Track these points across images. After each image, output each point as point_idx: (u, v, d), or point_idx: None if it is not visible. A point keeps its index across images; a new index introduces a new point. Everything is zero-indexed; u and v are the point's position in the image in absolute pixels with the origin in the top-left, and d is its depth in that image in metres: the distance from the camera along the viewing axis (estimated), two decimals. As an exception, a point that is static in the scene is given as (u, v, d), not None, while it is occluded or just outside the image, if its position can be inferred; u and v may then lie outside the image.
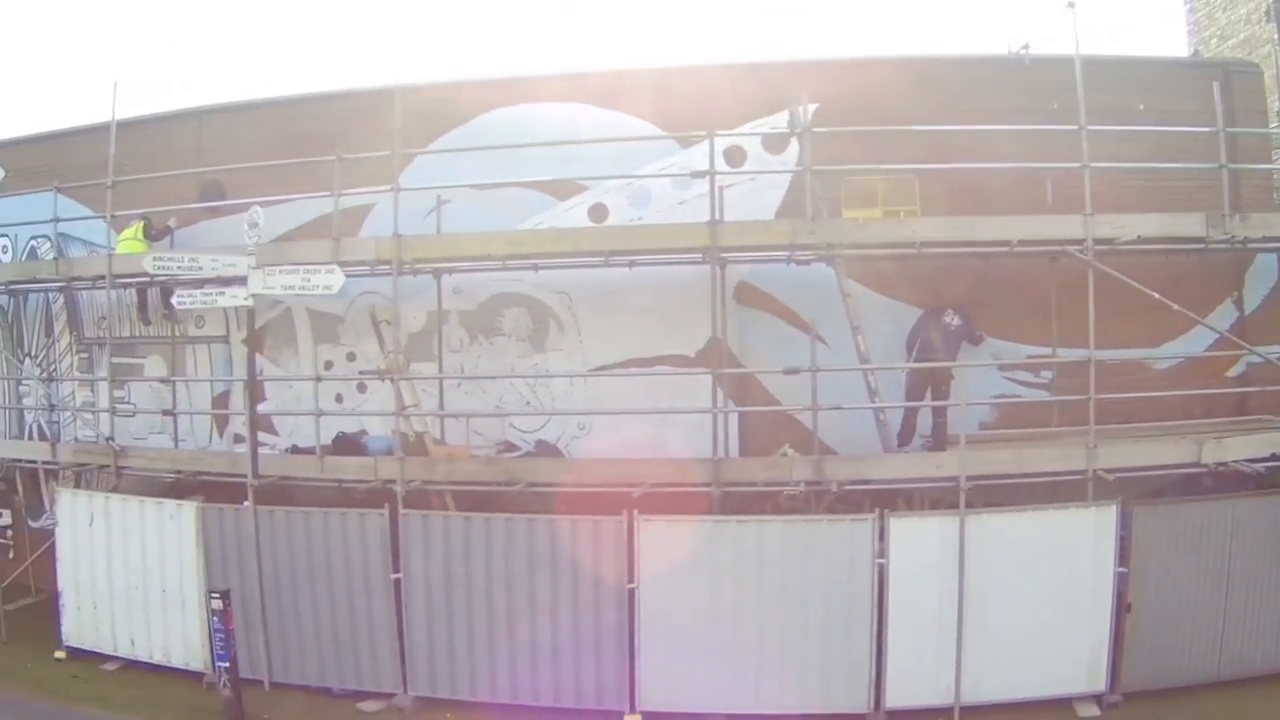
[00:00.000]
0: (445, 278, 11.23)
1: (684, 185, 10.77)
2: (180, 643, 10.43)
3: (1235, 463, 9.44)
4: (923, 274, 10.51)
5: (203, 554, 10.24)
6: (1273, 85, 13.61)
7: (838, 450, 9.99)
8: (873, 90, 10.61)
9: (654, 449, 10.33)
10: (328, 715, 9.73)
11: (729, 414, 10.14)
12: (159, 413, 12.24)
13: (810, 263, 10.14)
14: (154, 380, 12.52)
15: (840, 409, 9.65)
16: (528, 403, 11.52)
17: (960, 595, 8.92)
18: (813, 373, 9.42)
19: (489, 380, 11.34)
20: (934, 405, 10.10)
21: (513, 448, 11.40)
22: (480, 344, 11.70)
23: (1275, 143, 12.38)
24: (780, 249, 9.88)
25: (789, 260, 10.09)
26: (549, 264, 10.72)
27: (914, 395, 10.27)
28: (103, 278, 11.45)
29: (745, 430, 10.71)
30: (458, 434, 11.15)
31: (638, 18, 38.59)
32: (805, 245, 9.65)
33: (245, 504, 10.08)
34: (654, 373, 10.84)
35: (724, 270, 10.06)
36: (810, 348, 9.53)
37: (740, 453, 10.51)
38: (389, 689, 9.82)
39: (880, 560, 8.99)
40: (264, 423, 11.43)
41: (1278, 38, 14.08)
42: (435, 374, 11.26)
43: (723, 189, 9.91)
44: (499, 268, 10.85)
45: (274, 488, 10.44)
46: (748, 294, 10.93)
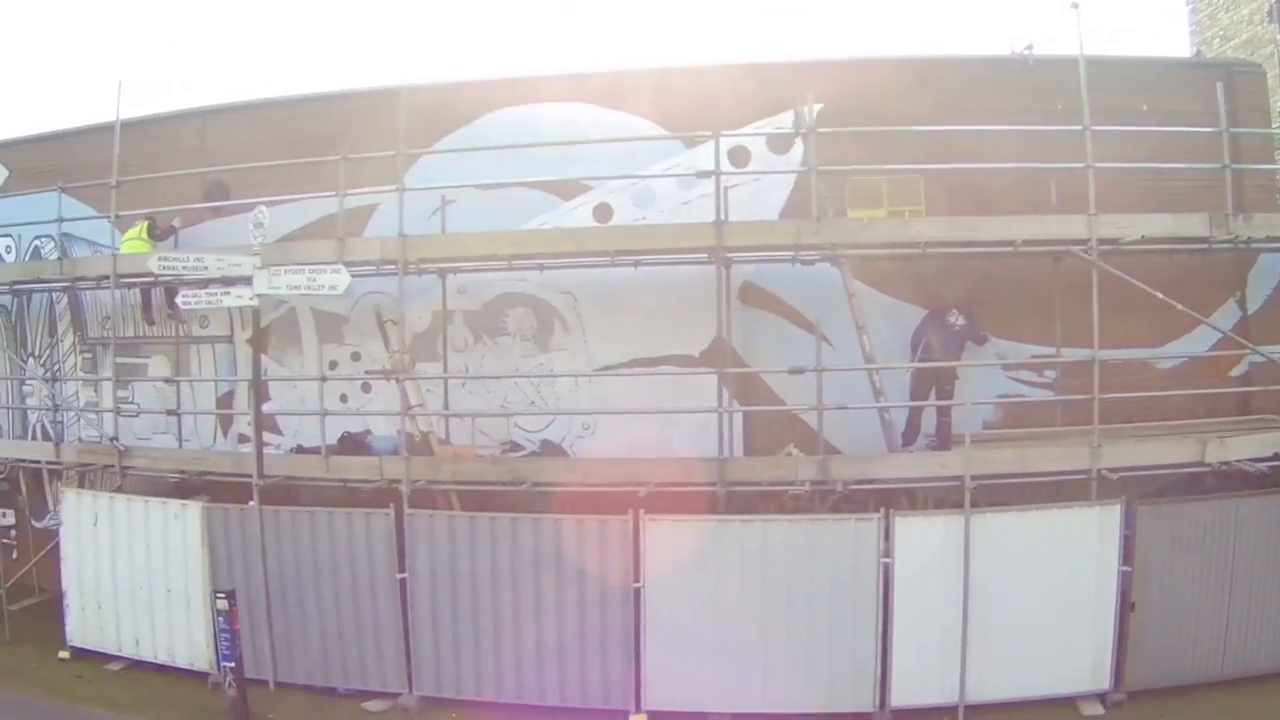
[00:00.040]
0: (450, 278, 11.24)
1: (689, 185, 10.77)
2: (185, 643, 10.42)
3: (1239, 462, 9.47)
4: (926, 274, 10.53)
5: (208, 554, 10.24)
6: (1275, 86, 13.65)
7: (842, 450, 9.99)
8: (876, 91, 10.64)
9: (658, 449, 10.33)
10: (333, 715, 9.72)
11: (734, 414, 10.15)
12: (163, 413, 12.24)
13: (815, 263, 10.16)
14: (158, 380, 12.50)
15: (845, 409, 9.65)
16: (532, 402, 11.54)
17: (965, 594, 8.93)
18: (818, 372, 9.43)
19: (494, 380, 11.35)
20: (939, 405, 10.12)
21: (517, 447, 11.40)
22: (485, 344, 11.71)
23: (1278, 143, 12.39)
24: (785, 249, 9.89)
25: (794, 260, 10.11)
26: (554, 264, 10.73)
27: (918, 395, 10.29)
28: (107, 278, 11.43)
29: (749, 430, 10.74)
30: (462, 434, 11.15)
31: (641, 18, 38.60)
32: (810, 245, 9.66)
33: (250, 504, 10.07)
34: (659, 372, 10.84)
35: (729, 270, 10.08)
36: (815, 348, 9.54)
37: (745, 452, 10.55)
38: (394, 689, 9.82)
39: (885, 559, 9.01)
40: (268, 423, 11.43)
41: (1280, 38, 14.14)
42: (440, 374, 11.26)
43: (727, 189, 9.92)
44: (504, 268, 10.85)
45: (279, 488, 10.43)
46: (752, 294, 10.96)
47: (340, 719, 9.67)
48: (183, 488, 11.40)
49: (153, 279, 11.15)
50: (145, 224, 11.76)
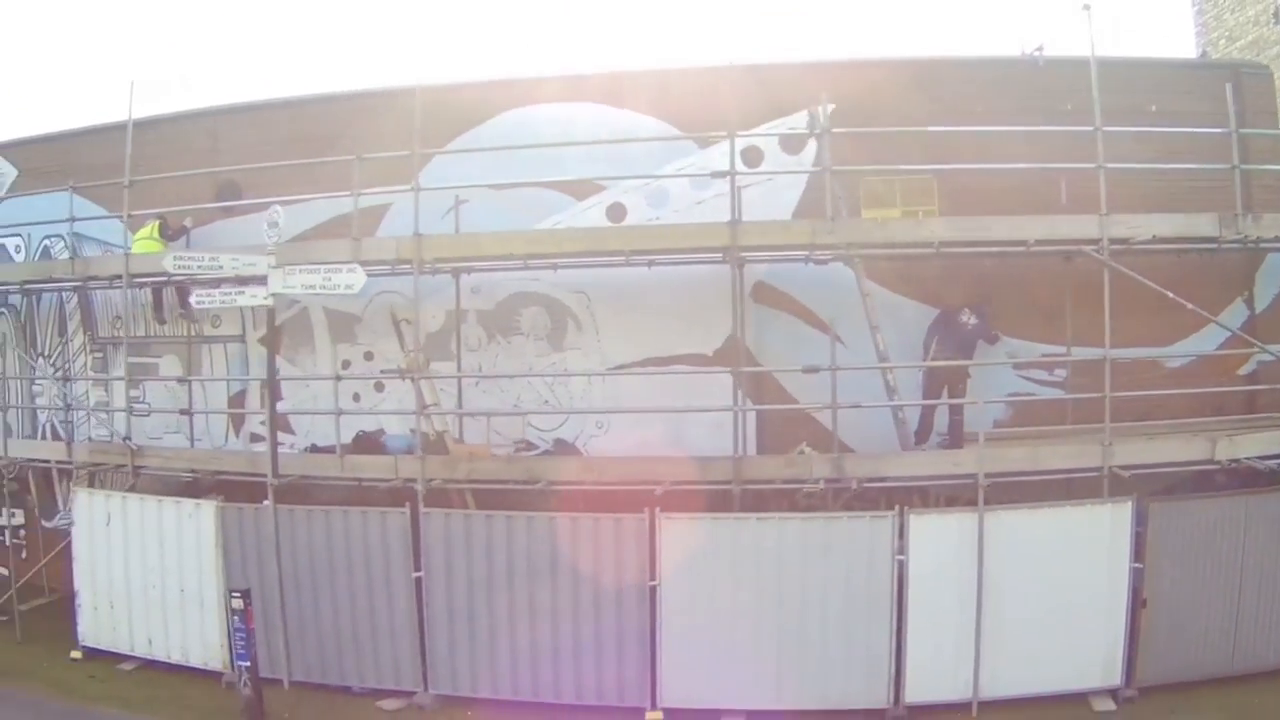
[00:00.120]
0: (464, 277, 11.26)
1: (702, 185, 10.82)
2: (199, 642, 10.41)
3: (1248, 460, 9.54)
4: (937, 273, 10.58)
5: (222, 553, 10.23)
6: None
7: (854, 448, 10.06)
8: (885, 92, 10.70)
9: (671, 447, 10.37)
10: (348, 714, 9.72)
11: (748, 412, 10.19)
12: (176, 412, 12.22)
13: (828, 262, 10.21)
14: (170, 380, 12.49)
15: (859, 407, 9.71)
16: (546, 401, 11.57)
17: (979, 591, 8.98)
18: (832, 371, 9.48)
19: (507, 379, 11.38)
20: (951, 403, 10.19)
21: (531, 446, 11.43)
22: (498, 343, 11.74)
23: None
24: (800, 249, 9.94)
25: (807, 260, 10.16)
26: (567, 263, 10.75)
27: (930, 394, 10.37)
28: (119, 277, 11.42)
29: (761, 429, 10.77)
30: (475, 433, 11.18)
31: (648, 19, 38.69)
32: (825, 245, 9.71)
33: (265, 503, 10.06)
34: (672, 371, 10.89)
35: (742, 270, 10.12)
36: (829, 346, 9.57)
37: (757, 451, 10.56)
38: (409, 687, 9.83)
39: (900, 557, 9.05)
40: (281, 422, 11.41)
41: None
42: (454, 373, 11.28)
43: (740, 189, 9.96)
44: (519, 267, 10.87)
45: (292, 487, 10.42)
46: (765, 293, 11.00)
47: (355, 718, 9.67)
48: (194, 487, 11.39)
49: (166, 278, 11.15)
50: (157, 224, 11.76)
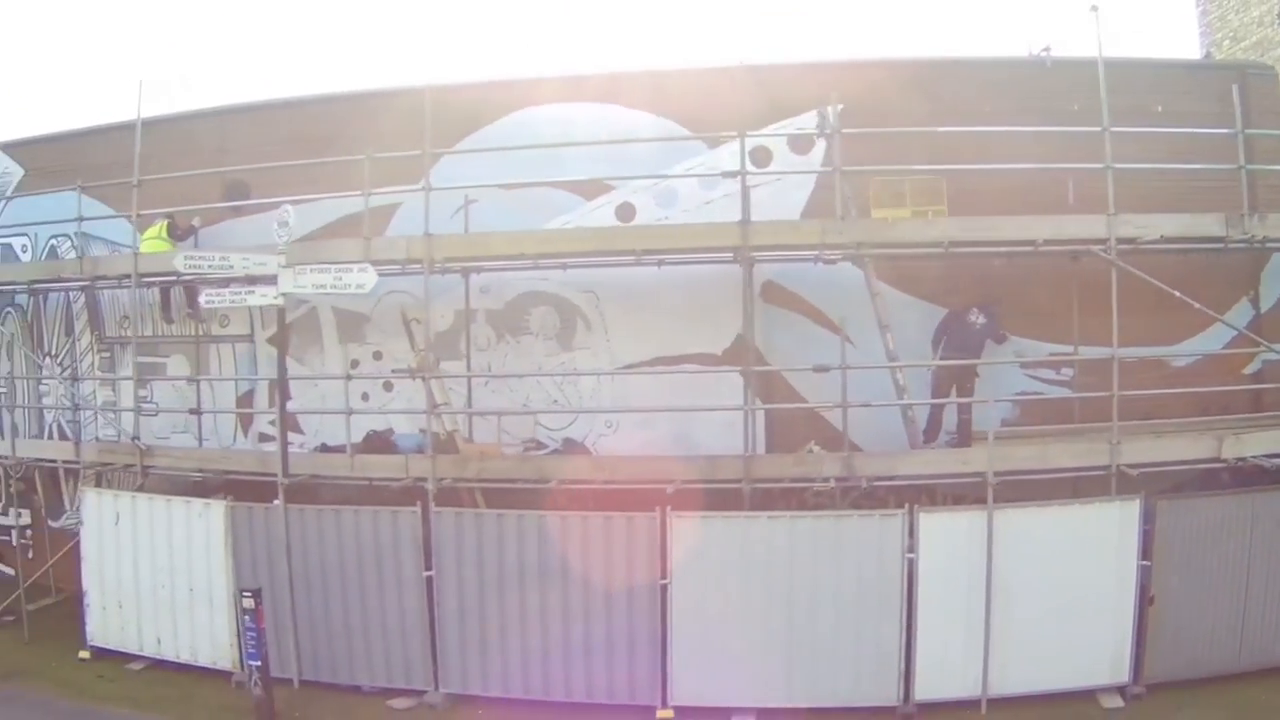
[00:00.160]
0: (473, 277, 11.29)
1: (710, 185, 10.86)
2: (208, 642, 10.41)
3: (1254, 458, 9.60)
4: (940, 274, 10.62)
5: (231, 553, 10.23)
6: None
7: (863, 447, 10.08)
8: (893, 92, 10.75)
9: (681, 446, 10.43)
10: (358, 713, 9.73)
11: (757, 411, 10.22)
12: (185, 412, 12.21)
13: (837, 262, 10.24)
14: (179, 379, 12.47)
15: (869, 406, 9.75)
16: (555, 401, 11.58)
17: (988, 589, 9.04)
18: (843, 370, 9.52)
19: (516, 379, 11.39)
20: (960, 402, 10.23)
21: (540, 445, 11.45)
22: (507, 342, 11.75)
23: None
24: (810, 248, 9.98)
25: (816, 260, 10.19)
26: (576, 263, 10.77)
27: (939, 393, 10.42)
28: (128, 276, 11.41)
29: (770, 428, 10.81)
30: (484, 433, 11.19)
31: (651, 21, 38.76)
32: (835, 245, 9.75)
33: (275, 502, 10.06)
34: (681, 371, 10.92)
35: (751, 269, 10.15)
36: (838, 345, 9.63)
37: (766, 450, 10.60)
38: (420, 686, 9.84)
39: (910, 555, 9.10)
40: (290, 421, 11.40)
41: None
42: (464, 372, 11.29)
43: (749, 189, 9.96)
44: (529, 266, 10.90)
45: (300, 486, 10.41)
46: (774, 293, 11.02)
47: (366, 717, 9.67)
48: (202, 487, 11.38)
49: (174, 278, 11.15)
50: (165, 223, 11.75)
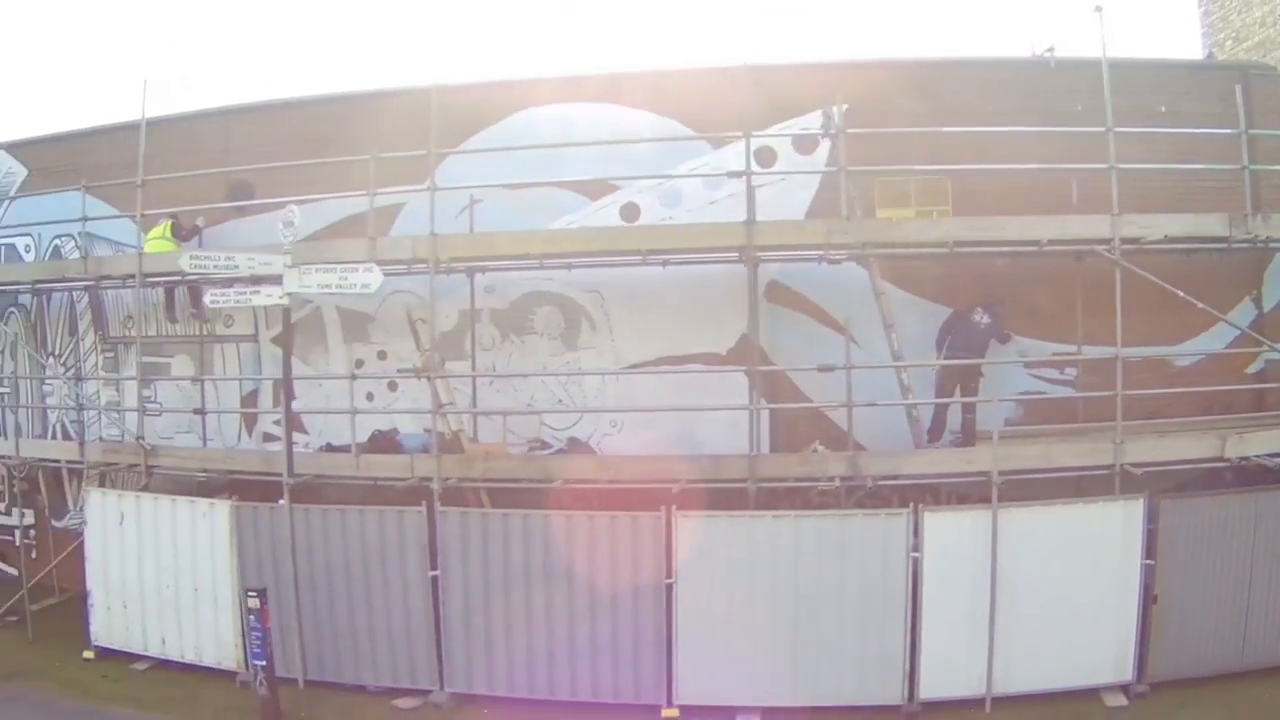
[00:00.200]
0: (477, 276, 11.30)
1: (715, 185, 10.88)
2: (212, 642, 10.42)
3: (1257, 457, 9.63)
4: (943, 274, 10.63)
5: (236, 553, 10.23)
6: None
7: (867, 446, 10.11)
8: (896, 93, 10.77)
9: (685, 446, 10.44)
10: (363, 713, 9.73)
11: (763, 411, 10.23)
12: (189, 412, 12.20)
13: (841, 262, 10.27)
14: (183, 379, 12.47)
15: (874, 405, 9.76)
16: (559, 400, 11.59)
17: (992, 588, 9.06)
18: (848, 370, 9.54)
19: (520, 378, 11.40)
20: (964, 401, 10.26)
21: (545, 445, 11.46)
22: (512, 342, 11.76)
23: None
24: (815, 248, 9.99)
25: (821, 259, 10.21)
26: (581, 263, 10.78)
27: (943, 392, 10.44)
28: (132, 276, 11.40)
29: (774, 428, 10.83)
30: (488, 432, 11.21)
31: (660, 20, 38.73)
32: (840, 245, 9.76)
33: (280, 502, 10.06)
34: (686, 370, 10.94)
35: (756, 269, 10.16)
36: (842, 345, 9.65)
37: (770, 449, 10.60)
38: (425, 686, 9.85)
39: (915, 554, 9.12)
40: (295, 421, 11.41)
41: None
42: (469, 372, 11.30)
43: (754, 189, 9.99)
44: (533, 266, 10.89)
45: (305, 486, 10.41)
46: (778, 293, 11.04)
47: (371, 717, 9.68)
48: (206, 487, 11.38)
49: (179, 278, 11.15)
50: (169, 223, 11.75)
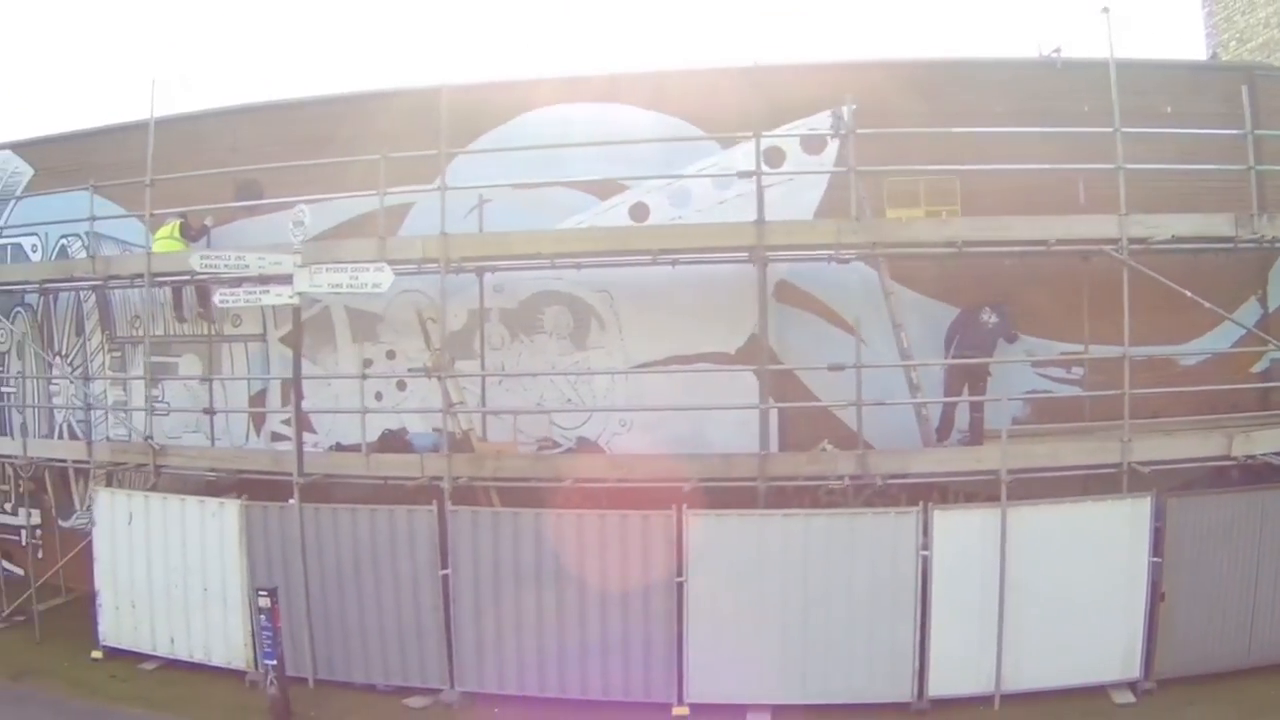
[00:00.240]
0: (486, 276, 11.31)
1: (724, 185, 10.90)
2: (222, 641, 10.42)
3: (1263, 456, 9.70)
4: (950, 272, 10.67)
5: (246, 552, 10.24)
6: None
7: (874, 445, 10.12)
8: (902, 93, 10.80)
9: (693, 445, 10.48)
10: (374, 711, 9.74)
11: (772, 410, 10.26)
12: (198, 411, 12.18)
13: (850, 261, 10.31)
14: (191, 379, 12.46)
15: (882, 404, 9.80)
16: (569, 400, 11.61)
17: (1001, 585, 9.09)
18: (857, 369, 9.57)
19: (529, 377, 11.43)
20: (972, 400, 10.30)
21: (554, 444, 11.47)
22: (521, 341, 11.78)
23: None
24: (825, 248, 10.02)
25: (830, 259, 10.25)
26: (590, 262, 10.80)
27: (951, 391, 10.48)
28: (141, 276, 11.38)
29: (783, 427, 10.85)
30: (497, 431, 11.22)
31: (665, 20, 38.81)
32: (849, 245, 9.79)
33: (290, 501, 10.07)
34: (695, 370, 10.97)
35: (765, 269, 10.19)
36: (849, 344, 9.73)
37: (779, 448, 10.62)
38: (435, 684, 9.86)
39: (924, 552, 9.16)
40: (304, 421, 11.42)
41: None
42: (478, 371, 11.31)
43: (763, 189, 10.04)
44: (543, 266, 10.91)
45: (314, 485, 10.42)
46: (787, 292, 11.05)
47: (382, 715, 9.69)
48: (214, 486, 11.39)
49: (189, 277, 11.14)
50: (178, 223, 11.74)
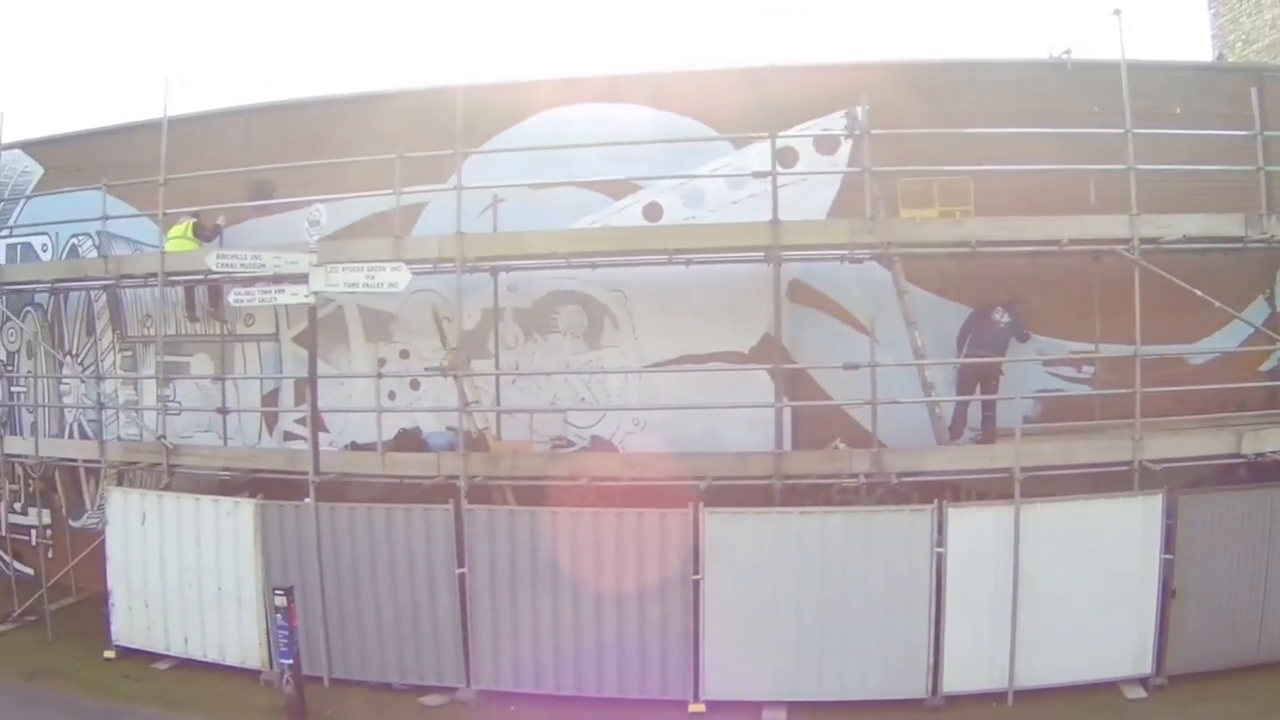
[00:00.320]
0: (501, 276, 11.34)
1: (738, 185, 10.95)
2: (236, 640, 10.43)
3: (1273, 453, 9.80)
4: (963, 272, 10.73)
5: (261, 551, 10.25)
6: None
7: (887, 443, 10.18)
8: (914, 93, 10.88)
9: (707, 443, 10.53)
10: (390, 710, 9.76)
11: (786, 409, 10.32)
12: (211, 410, 12.17)
13: (864, 261, 10.38)
14: (203, 378, 12.44)
15: (896, 403, 9.86)
16: (582, 399, 11.64)
17: (1015, 583, 9.16)
18: (872, 368, 9.63)
19: (543, 377, 11.46)
20: (985, 399, 10.38)
21: (568, 443, 11.51)
22: (535, 341, 11.81)
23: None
24: (839, 248, 10.07)
25: (844, 259, 10.31)
26: (605, 262, 10.84)
27: (964, 390, 10.55)
28: (154, 275, 11.38)
29: (796, 425, 10.89)
30: (511, 430, 11.25)
31: (675, 21, 38.85)
32: (864, 244, 9.85)
33: (306, 500, 10.06)
34: (709, 369, 11.01)
35: (780, 268, 10.25)
36: (862, 343, 9.83)
37: (792, 447, 10.66)
38: (451, 683, 9.88)
39: (938, 549, 9.22)
40: (318, 420, 11.42)
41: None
42: (494, 370, 11.34)
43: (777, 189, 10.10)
44: (559, 265, 10.92)
45: (328, 484, 10.40)
46: (801, 292, 11.10)
47: (398, 714, 9.71)
48: (227, 486, 11.38)
49: (203, 276, 11.14)
50: (191, 222, 11.74)
